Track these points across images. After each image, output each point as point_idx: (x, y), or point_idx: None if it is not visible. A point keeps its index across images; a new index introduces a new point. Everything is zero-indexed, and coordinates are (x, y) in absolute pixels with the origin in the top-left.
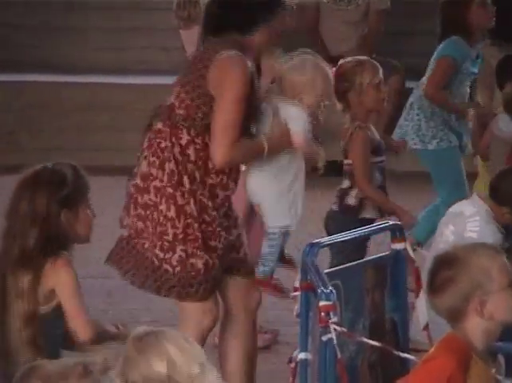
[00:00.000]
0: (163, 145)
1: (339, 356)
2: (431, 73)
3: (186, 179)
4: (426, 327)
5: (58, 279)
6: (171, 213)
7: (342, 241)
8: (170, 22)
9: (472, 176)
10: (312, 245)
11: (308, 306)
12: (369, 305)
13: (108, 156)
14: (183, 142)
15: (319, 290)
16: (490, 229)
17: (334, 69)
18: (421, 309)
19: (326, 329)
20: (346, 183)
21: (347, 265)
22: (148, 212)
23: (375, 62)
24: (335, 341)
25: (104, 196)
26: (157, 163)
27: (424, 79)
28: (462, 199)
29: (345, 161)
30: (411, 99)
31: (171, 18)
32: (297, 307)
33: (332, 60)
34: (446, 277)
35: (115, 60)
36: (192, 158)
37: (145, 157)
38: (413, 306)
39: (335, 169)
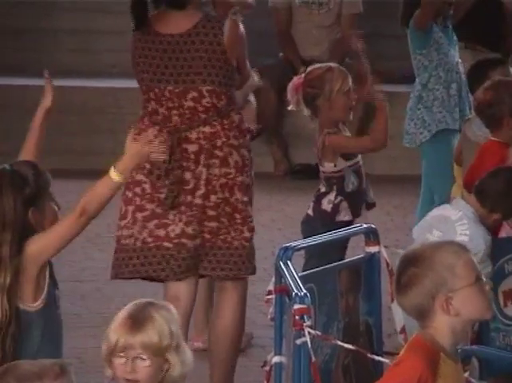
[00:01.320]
0: (219, 144)
1: (313, 359)
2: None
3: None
4: (402, 330)
5: (30, 249)
6: (246, 198)
7: (318, 244)
8: None
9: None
10: (286, 248)
11: (282, 309)
12: (343, 308)
13: (79, 159)
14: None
15: (293, 293)
16: (481, 230)
17: (303, 74)
18: (397, 312)
19: (300, 333)
20: (323, 189)
21: (321, 268)
22: (219, 210)
23: (344, 69)
24: (309, 345)
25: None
26: (218, 163)
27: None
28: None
29: (321, 168)
30: (409, 104)
31: None
32: (271, 310)
33: (305, 63)
34: (411, 275)
35: (87, 63)
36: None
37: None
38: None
39: (310, 173)
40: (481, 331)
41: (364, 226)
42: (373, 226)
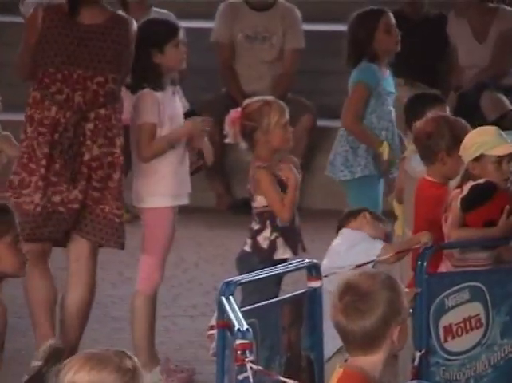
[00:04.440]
0: (109, 125)
1: None
2: (346, 101)
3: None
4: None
5: None
6: (123, 177)
7: (258, 279)
8: None
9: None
10: (228, 283)
11: (224, 344)
12: (285, 343)
13: None
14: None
15: (235, 328)
16: (356, 235)
17: (240, 108)
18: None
19: (242, 368)
20: (256, 226)
21: (263, 303)
22: (103, 183)
23: (281, 102)
24: (251, 380)
25: None
26: (107, 142)
27: None
28: None
29: (253, 204)
30: (337, 137)
31: None
32: (213, 346)
33: (247, 98)
34: (368, 300)
35: None
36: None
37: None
38: None
39: (248, 207)
40: (421, 366)
41: (306, 261)
42: (315, 260)
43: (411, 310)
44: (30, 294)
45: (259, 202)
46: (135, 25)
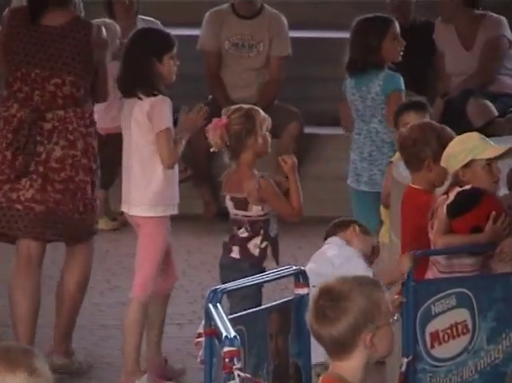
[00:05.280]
0: (70, 128)
1: None
2: (388, 110)
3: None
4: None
5: None
6: (88, 178)
7: (246, 287)
8: None
9: None
10: (215, 291)
11: (212, 351)
12: (273, 350)
13: None
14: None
15: (223, 336)
16: (349, 249)
17: (216, 119)
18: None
19: (230, 376)
20: (244, 233)
21: (251, 310)
22: (64, 185)
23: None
24: None
25: None
26: (67, 144)
27: None
28: None
29: (244, 213)
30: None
31: None
32: (201, 353)
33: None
34: (342, 307)
35: None
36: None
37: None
38: None
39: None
40: (408, 372)
41: (294, 268)
42: (302, 267)
43: (395, 317)
44: (13, 306)
45: (255, 211)
46: (101, 30)
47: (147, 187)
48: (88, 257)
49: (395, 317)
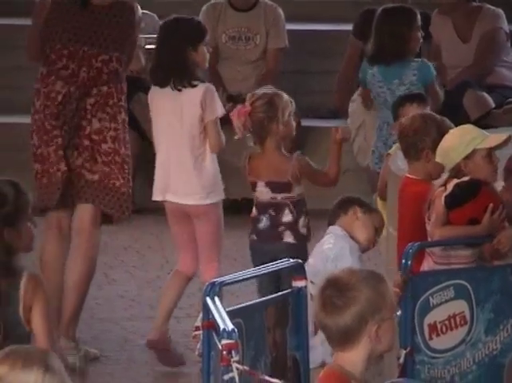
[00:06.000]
0: (110, 103)
1: None
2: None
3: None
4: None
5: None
6: (129, 152)
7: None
8: None
9: None
10: (213, 284)
11: (210, 344)
12: (271, 343)
13: None
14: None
15: (221, 329)
16: (346, 241)
17: (240, 106)
18: (314, 348)
19: (228, 368)
20: (288, 216)
21: (249, 303)
22: (110, 158)
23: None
24: (237, 380)
25: None
26: (108, 118)
27: None
28: None
29: (286, 195)
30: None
31: None
32: (199, 346)
33: (232, 99)
34: (350, 297)
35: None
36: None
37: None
38: None
39: (237, 208)
40: (406, 364)
41: (291, 261)
42: (300, 261)
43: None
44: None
45: (297, 190)
46: (139, 11)
47: (200, 175)
48: (96, 245)
49: (398, 312)
